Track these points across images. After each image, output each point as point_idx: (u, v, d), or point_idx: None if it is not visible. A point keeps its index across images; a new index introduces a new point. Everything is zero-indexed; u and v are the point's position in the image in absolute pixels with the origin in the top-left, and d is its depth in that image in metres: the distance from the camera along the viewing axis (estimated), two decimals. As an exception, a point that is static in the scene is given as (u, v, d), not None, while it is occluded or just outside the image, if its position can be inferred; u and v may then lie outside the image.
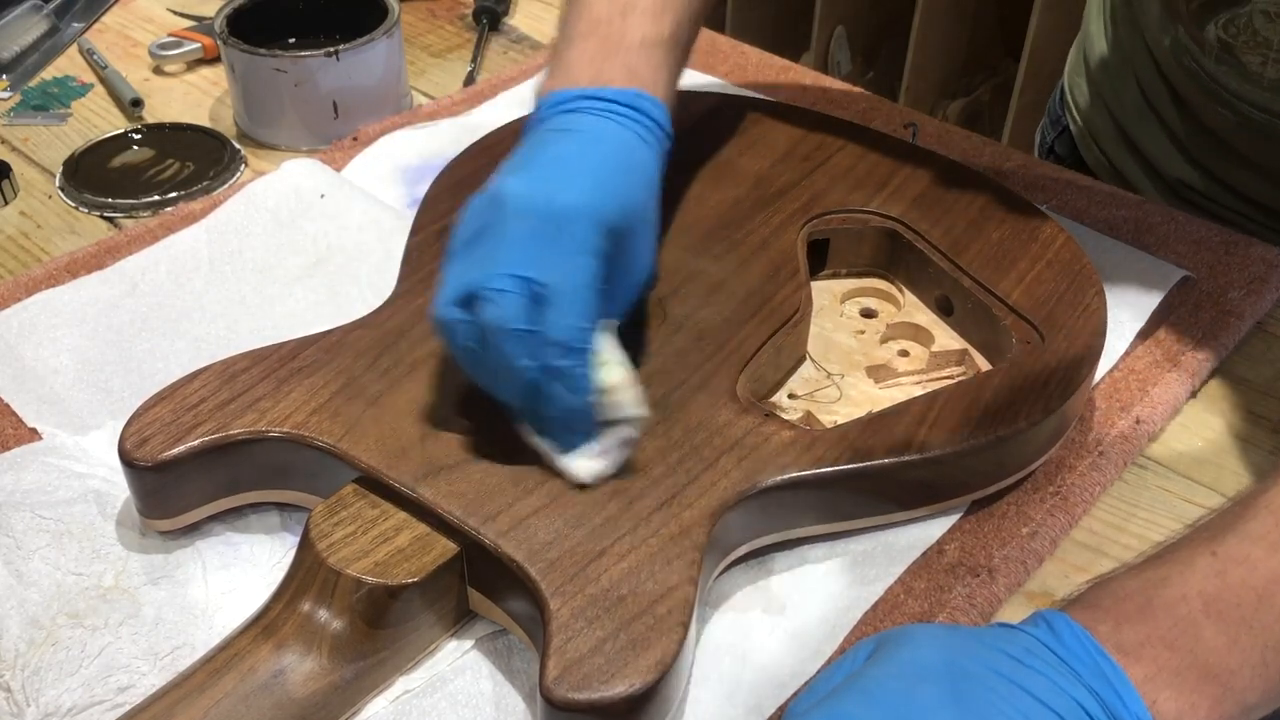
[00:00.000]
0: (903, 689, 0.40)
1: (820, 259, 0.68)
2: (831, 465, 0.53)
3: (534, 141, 0.56)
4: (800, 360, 0.64)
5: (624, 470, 0.52)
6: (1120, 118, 0.84)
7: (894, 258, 0.68)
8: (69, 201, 0.80)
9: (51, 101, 0.91)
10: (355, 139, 0.83)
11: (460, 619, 0.53)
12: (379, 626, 0.49)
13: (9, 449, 0.59)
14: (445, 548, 0.50)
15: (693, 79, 0.91)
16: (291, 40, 0.90)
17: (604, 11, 0.59)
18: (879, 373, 0.63)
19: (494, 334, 0.50)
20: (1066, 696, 0.40)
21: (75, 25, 1.00)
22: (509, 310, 0.49)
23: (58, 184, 0.81)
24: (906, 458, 0.53)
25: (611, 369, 0.52)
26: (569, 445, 0.52)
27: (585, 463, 0.52)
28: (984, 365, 0.63)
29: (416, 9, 1.04)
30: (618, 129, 0.56)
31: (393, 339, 0.58)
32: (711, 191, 0.69)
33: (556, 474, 0.52)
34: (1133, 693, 0.41)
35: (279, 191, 0.75)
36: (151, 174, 0.82)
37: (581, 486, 0.51)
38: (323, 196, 0.75)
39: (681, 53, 0.62)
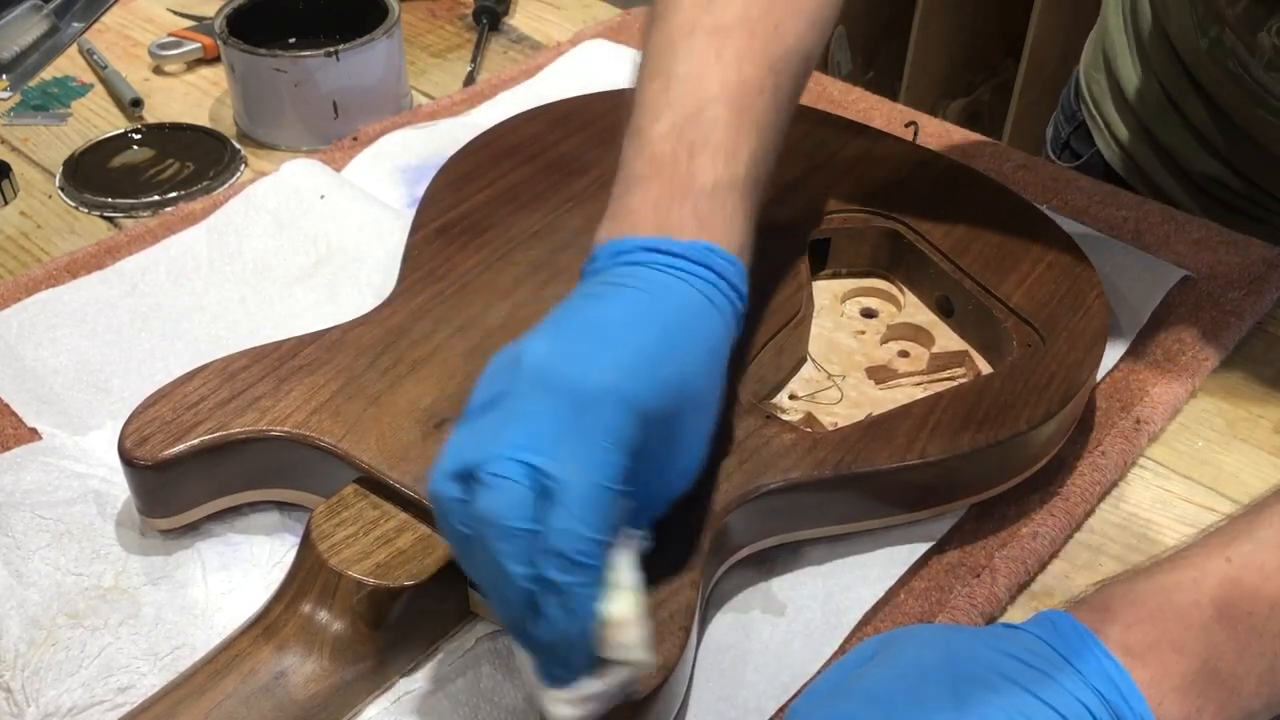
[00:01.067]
0: (906, 690, 0.40)
1: (821, 259, 0.68)
2: (832, 469, 0.53)
3: (580, 295, 0.48)
4: (801, 361, 0.64)
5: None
6: (1142, 114, 0.83)
7: (895, 258, 0.68)
8: (69, 201, 0.80)
9: (51, 101, 0.91)
10: (355, 139, 0.83)
11: (461, 620, 0.53)
12: (380, 628, 0.49)
13: (9, 449, 0.59)
14: (446, 549, 0.50)
15: (693, 79, 0.91)
16: (291, 40, 0.90)
17: (667, 149, 0.50)
18: (880, 373, 0.63)
19: (486, 527, 0.41)
20: (1070, 698, 0.40)
21: (75, 25, 1.00)
22: (507, 502, 0.41)
23: (58, 184, 0.81)
24: (907, 461, 0.53)
25: (621, 597, 0.42)
26: (553, 676, 0.43)
27: (563, 707, 0.43)
28: (984, 366, 0.63)
29: (416, 9, 1.04)
30: (683, 287, 0.48)
31: (393, 337, 0.58)
32: (712, 192, 0.69)
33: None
34: (1138, 695, 0.40)
35: (279, 192, 0.75)
36: (151, 174, 0.82)
37: None
38: (323, 197, 0.75)
39: (761, 191, 0.53)
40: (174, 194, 0.79)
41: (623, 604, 0.42)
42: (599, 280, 0.48)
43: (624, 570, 0.43)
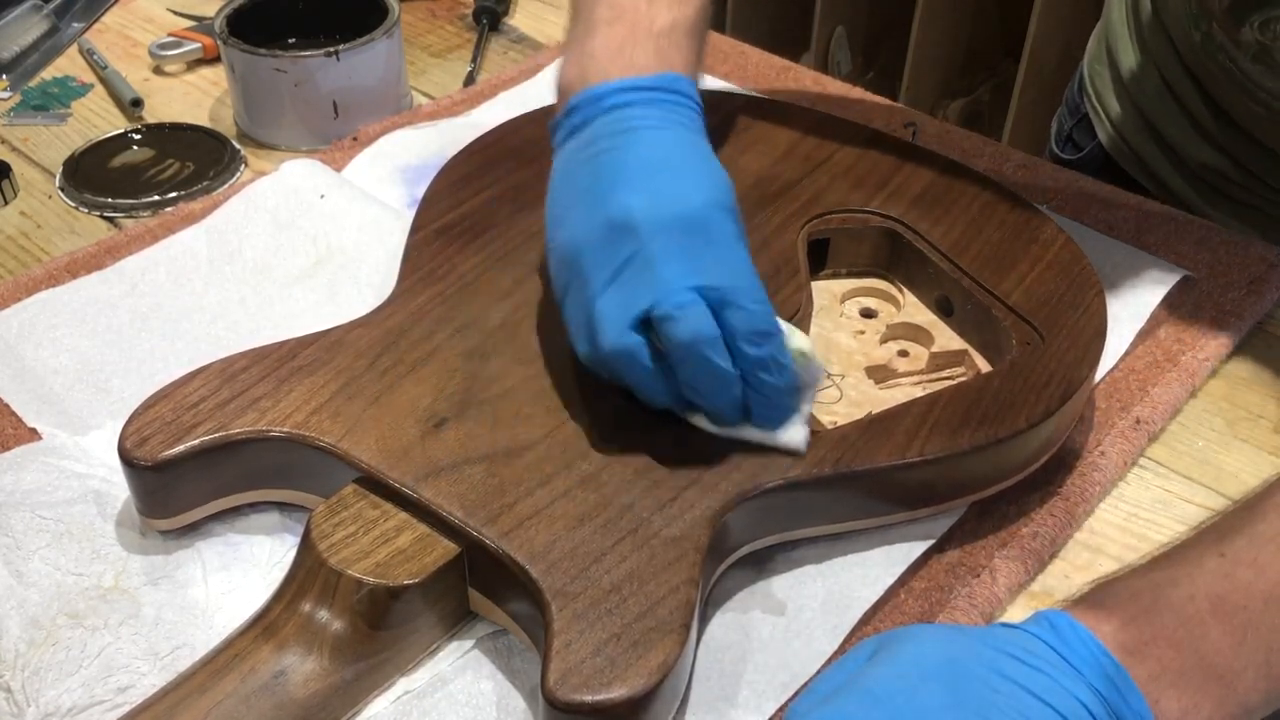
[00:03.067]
0: (905, 689, 0.40)
1: (820, 259, 0.68)
2: (832, 467, 0.53)
3: (602, 148, 0.55)
4: (800, 360, 0.64)
5: (625, 472, 0.52)
6: (1142, 104, 0.84)
7: (894, 258, 0.68)
8: (69, 201, 0.80)
9: (51, 101, 0.91)
10: (355, 139, 0.83)
11: (461, 620, 0.53)
12: (380, 627, 0.49)
13: (9, 449, 0.59)
14: (446, 548, 0.50)
15: (693, 79, 0.91)
16: (291, 40, 0.90)
17: None
18: (879, 373, 0.63)
19: (691, 348, 0.50)
20: (1069, 695, 0.40)
21: (75, 25, 1.00)
22: (700, 322, 0.50)
23: (58, 184, 0.81)
24: (907, 460, 0.53)
25: (796, 336, 0.53)
26: (778, 422, 0.53)
27: (799, 430, 0.53)
28: (984, 366, 0.63)
29: (416, 9, 1.04)
30: (669, 116, 0.56)
31: (393, 338, 0.58)
32: (712, 191, 0.69)
33: (557, 473, 0.52)
34: (1135, 692, 0.41)
35: (279, 192, 0.75)
36: (151, 174, 0.82)
37: (588, 487, 0.51)
38: (322, 197, 0.75)
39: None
40: (174, 194, 0.79)
41: (799, 339, 0.53)
42: (604, 133, 0.55)
43: (782, 322, 0.53)
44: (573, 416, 0.54)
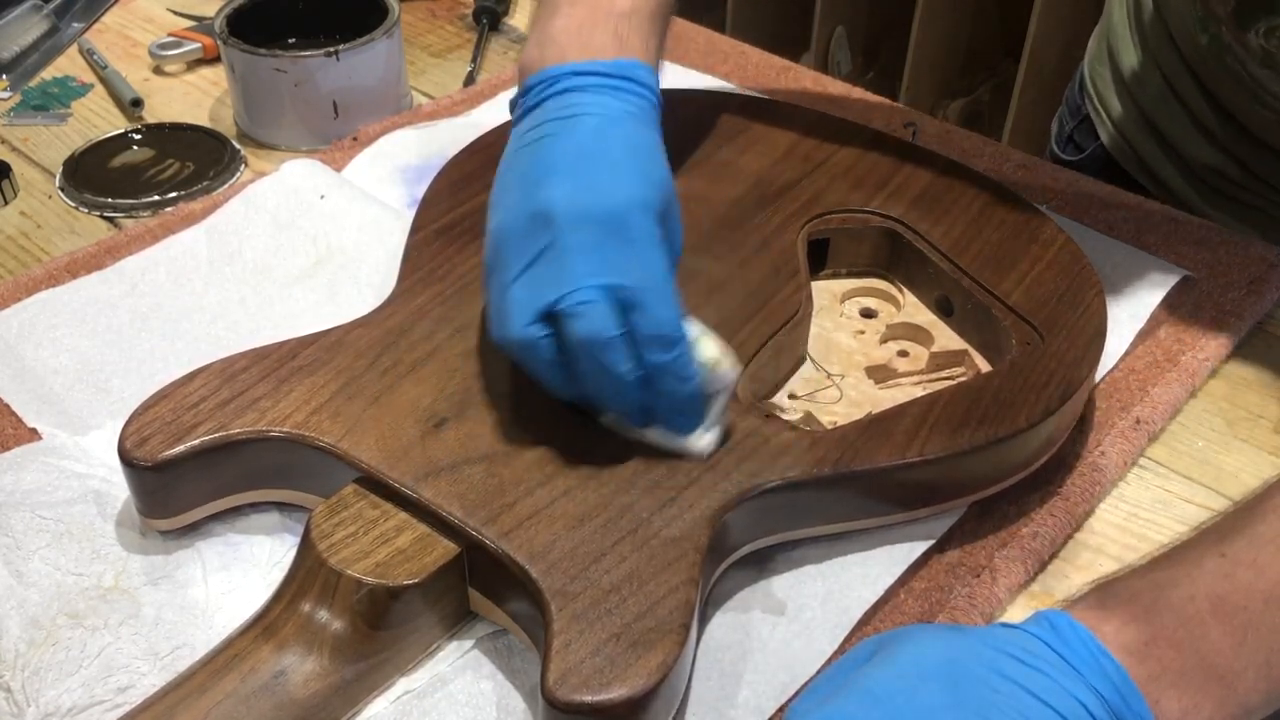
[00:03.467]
0: (905, 689, 0.40)
1: (820, 259, 0.68)
2: (832, 467, 0.53)
3: (544, 130, 0.54)
4: (800, 361, 0.64)
5: (625, 471, 0.52)
6: (1143, 104, 0.84)
7: (894, 258, 0.68)
8: (69, 201, 0.80)
9: (51, 101, 0.91)
10: (355, 139, 0.83)
11: (461, 620, 0.53)
12: (380, 627, 0.49)
13: (9, 449, 0.59)
14: (446, 548, 0.50)
15: (694, 79, 0.91)
16: (291, 40, 0.90)
17: None
18: (879, 373, 0.63)
19: (589, 347, 0.49)
20: (1069, 696, 0.40)
21: (75, 25, 1.00)
22: (600, 321, 0.49)
23: (58, 184, 0.81)
24: (907, 459, 0.53)
25: (705, 343, 0.52)
26: (682, 428, 0.52)
27: (705, 438, 0.53)
28: (984, 366, 0.63)
29: (416, 9, 1.04)
30: (620, 105, 0.55)
31: (393, 338, 0.58)
32: (711, 191, 0.69)
33: (557, 473, 0.52)
34: (1136, 692, 0.41)
35: (279, 192, 0.75)
36: (151, 174, 0.82)
37: (587, 487, 0.51)
38: (322, 197, 0.75)
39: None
40: (174, 194, 0.79)
41: (709, 347, 0.52)
42: (550, 116, 0.55)
43: (693, 327, 0.52)
44: (573, 416, 0.54)
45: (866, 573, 0.54)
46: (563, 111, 0.55)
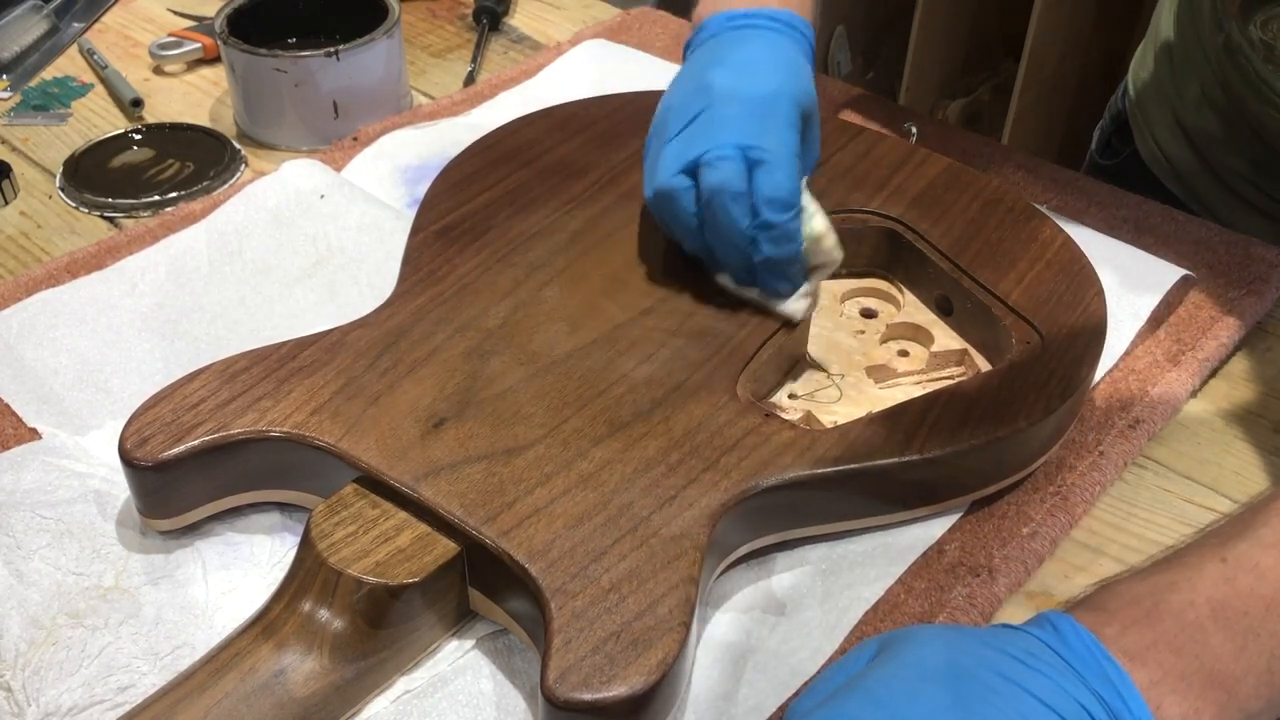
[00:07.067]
0: (906, 690, 0.40)
1: (820, 259, 0.68)
2: (832, 466, 0.53)
3: (715, 47, 0.64)
4: (800, 360, 0.64)
5: (624, 470, 0.52)
6: (1179, 110, 0.84)
7: (894, 258, 0.68)
8: (69, 201, 0.80)
9: (52, 101, 0.91)
10: (355, 139, 0.83)
11: (461, 619, 0.53)
12: (380, 626, 0.49)
13: (9, 449, 0.59)
14: (446, 547, 0.50)
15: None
16: (291, 40, 0.90)
17: None
18: (879, 373, 0.63)
19: (718, 194, 0.57)
20: (1070, 699, 0.40)
21: (75, 25, 1.00)
22: (732, 174, 0.57)
23: (58, 184, 0.81)
24: (907, 458, 0.53)
25: (816, 219, 0.59)
26: (778, 292, 0.60)
27: (800, 303, 0.60)
28: (984, 365, 0.63)
29: (416, 9, 1.04)
30: (786, 40, 0.64)
31: (393, 338, 0.58)
32: (712, 191, 0.69)
33: (557, 472, 0.52)
34: (1137, 696, 0.40)
35: (279, 192, 0.75)
36: (151, 174, 0.82)
37: (587, 486, 0.51)
38: (322, 197, 0.75)
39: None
40: (174, 194, 0.79)
41: (818, 223, 0.59)
42: (724, 39, 0.64)
43: (809, 203, 0.59)
44: (572, 416, 0.54)
45: (866, 573, 0.54)
46: (736, 36, 0.64)
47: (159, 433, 0.53)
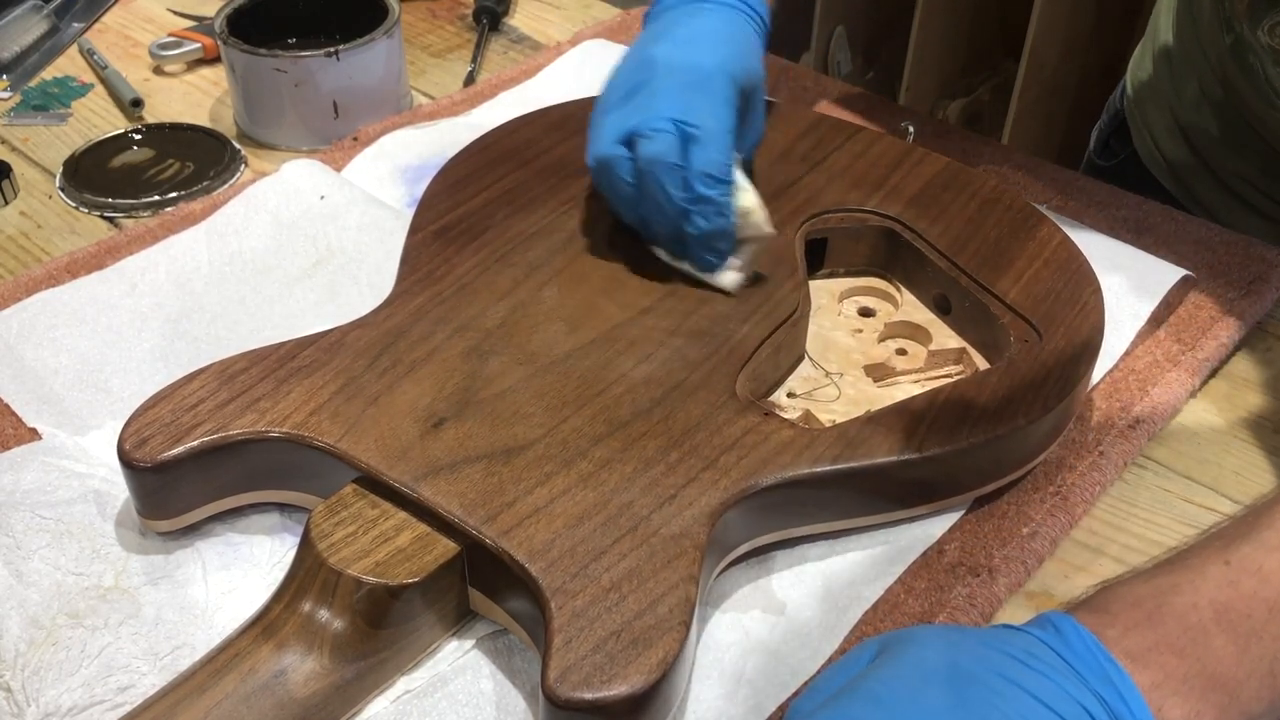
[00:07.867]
0: (907, 691, 0.40)
1: (818, 258, 0.68)
2: (831, 464, 0.53)
3: (667, 21, 0.66)
4: (799, 359, 0.64)
5: (624, 469, 0.52)
6: (1177, 111, 0.84)
7: (892, 257, 0.68)
8: (69, 201, 0.80)
9: (52, 101, 0.91)
10: (355, 139, 0.83)
11: (461, 619, 0.53)
12: (380, 626, 0.49)
13: (9, 449, 0.59)
14: (446, 547, 0.50)
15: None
16: (291, 40, 0.90)
17: None
18: (877, 371, 0.63)
19: (652, 166, 0.59)
20: (1071, 700, 0.40)
21: (75, 25, 1.00)
22: (665, 146, 0.58)
23: (58, 184, 0.81)
24: (906, 457, 0.53)
25: (746, 195, 0.61)
26: (709, 265, 0.61)
27: (730, 275, 0.62)
28: (982, 364, 0.63)
29: (416, 9, 1.04)
30: (737, 16, 0.66)
31: (392, 338, 0.58)
32: (711, 191, 0.69)
33: (556, 472, 0.52)
34: (1138, 698, 0.40)
35: (279, 192, 0.75)
36: (151, 174, 0.82)
37: (586, 485, 0.51)
38: (322, 197, 0.75)
39: None
40: (174, 194, 0.79)
41: (748, 198, 0.61)
42: (676, 13, 0.66)
43: (740, 179, 0.61)
44: (572, 415, 0.54)
45: (866, 572, 0.54)
46: (686, 11, 0.66)
47: (158, 433, 0.53)
